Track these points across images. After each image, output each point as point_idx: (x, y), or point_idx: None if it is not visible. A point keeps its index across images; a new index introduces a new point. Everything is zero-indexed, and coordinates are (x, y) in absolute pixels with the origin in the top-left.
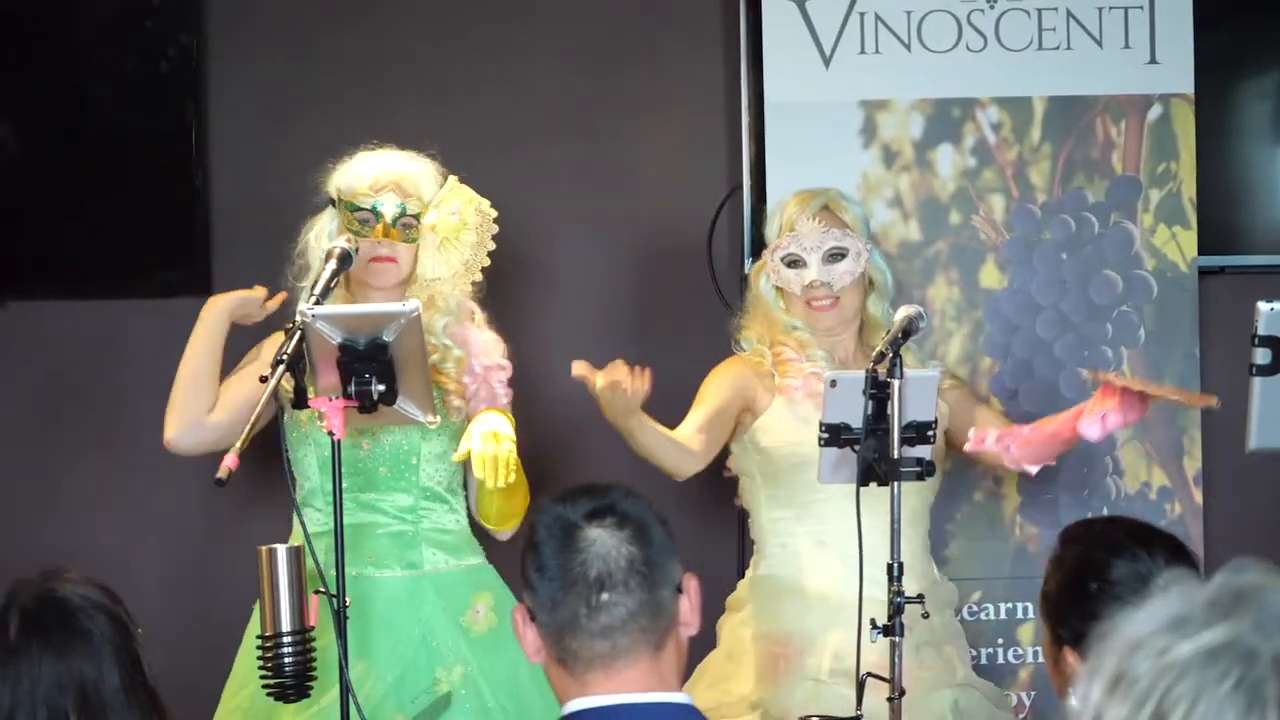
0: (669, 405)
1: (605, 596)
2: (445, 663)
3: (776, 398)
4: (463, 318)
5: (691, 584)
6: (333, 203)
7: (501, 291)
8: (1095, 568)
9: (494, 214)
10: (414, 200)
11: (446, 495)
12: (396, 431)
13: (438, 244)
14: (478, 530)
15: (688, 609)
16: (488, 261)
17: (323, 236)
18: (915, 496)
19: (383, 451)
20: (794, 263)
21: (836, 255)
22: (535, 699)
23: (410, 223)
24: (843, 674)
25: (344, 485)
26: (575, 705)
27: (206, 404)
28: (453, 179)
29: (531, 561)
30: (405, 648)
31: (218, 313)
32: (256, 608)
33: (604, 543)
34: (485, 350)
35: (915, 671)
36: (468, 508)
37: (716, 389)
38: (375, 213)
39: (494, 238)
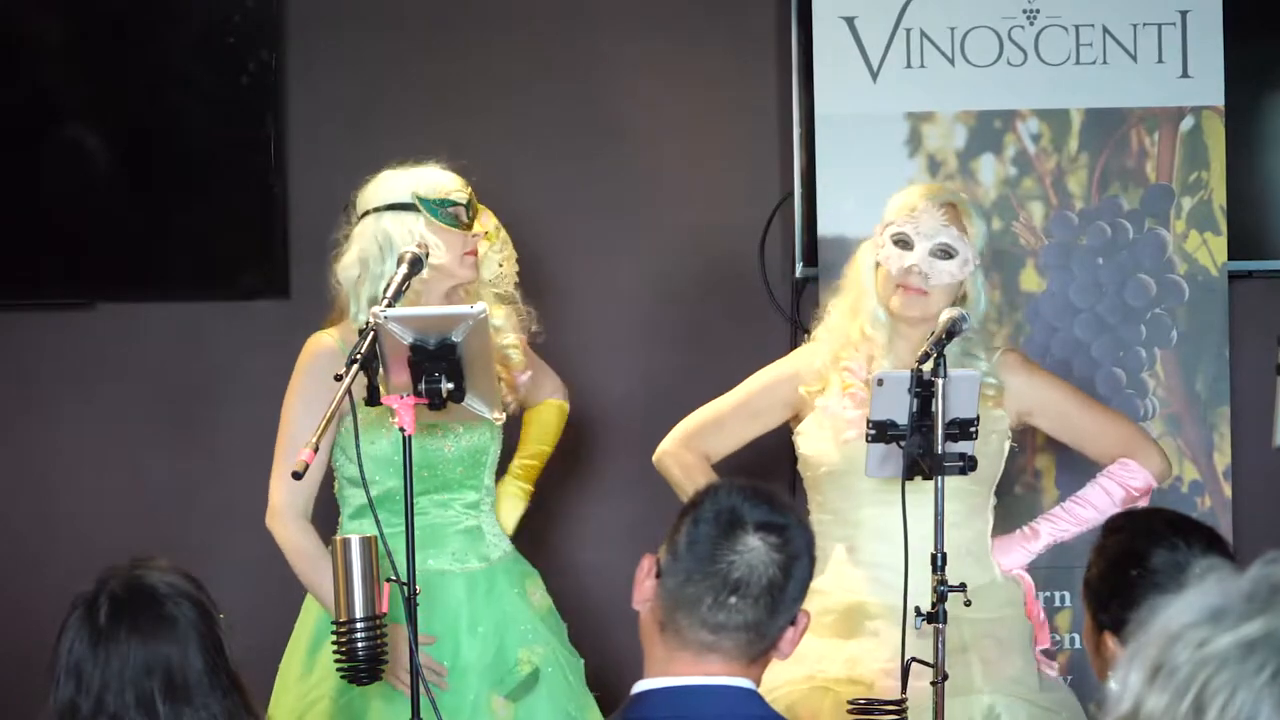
0: None
1: (733, 600)
2: (527, 642)
3: (816, 407)
4: (516, 304)
5: (803, 619)
6: (406, 206)
7: (557, 297)
8: (1136, 556)
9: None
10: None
11: (493, 488)
12: (474, 433)
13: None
14: None
15: (790, 639)
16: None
17: (401, 237)
18: (960, 501)
19: (463, 453)
20: (902, 242)
21: (945, 253)
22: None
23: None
24: (804, 680)
25: (422, 486)
26: (644, 685)
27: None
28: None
29: (687, 531)
30: (491, 634)
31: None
32: (306, 602)
33: (758, 556)
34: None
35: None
36: None
37: (747, 392)
38: (467, 207)
39: (552, 244)
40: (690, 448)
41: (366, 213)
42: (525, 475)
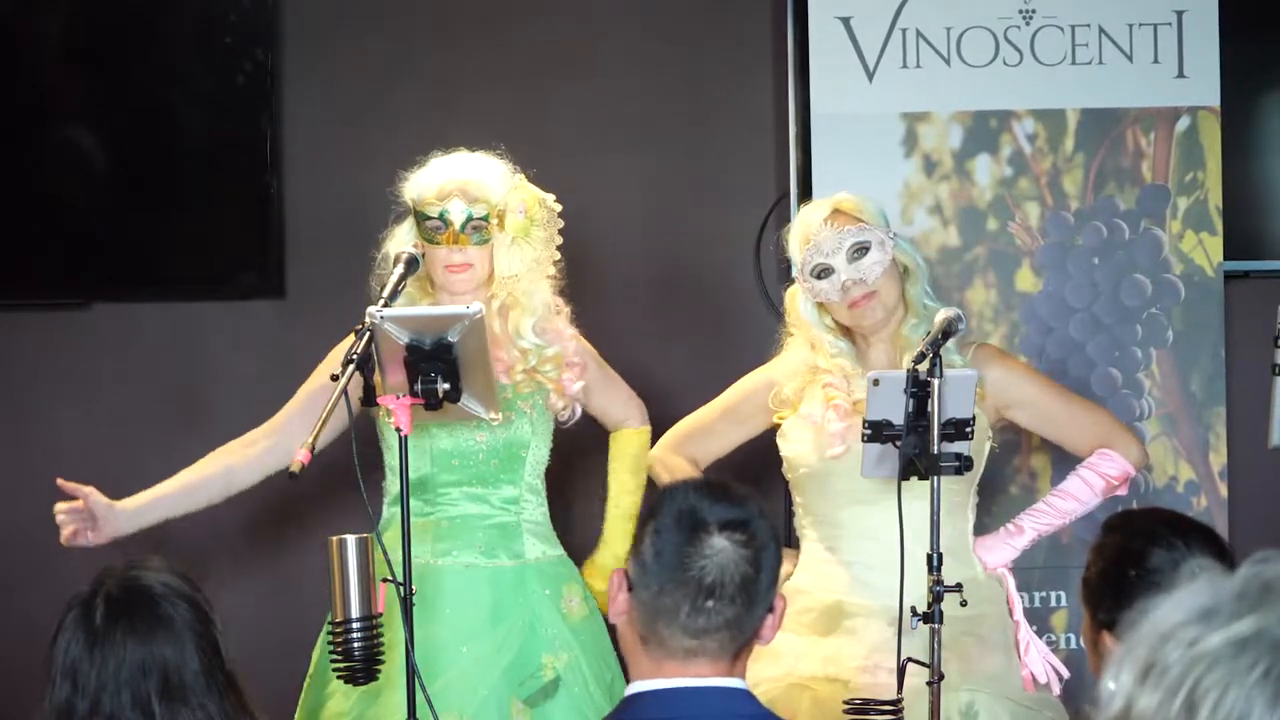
0: None
1: (710, 604)
2: (552, 649)
3: (799, 410)
4: (551, 314)
5: (780, 604)
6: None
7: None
8: (1134, 556)
9: (558, 208)
10: (481, 204)
11: (540, 488)
12: (512, 425)
13: (509, 242)
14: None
15: (770, 625)
16: (558, 255)
17: (400, 245)
18: (945, 495)
19: (498, 445)
20: (823, 273)
21: (860, 250)
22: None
23: (480, 225)
24: (781, 678)
25: (455, 477)
26: (637, 687)
27: (207, 493)
28: (518, 178)
29: (651, 541)
30: (515, 634)
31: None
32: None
33: (727, 555)
34: (567, 349)
35: (911, 679)
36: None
37: (732, 398)
38: (444, 220)
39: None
40: (680, 452)
41: None
42: (614, 540)
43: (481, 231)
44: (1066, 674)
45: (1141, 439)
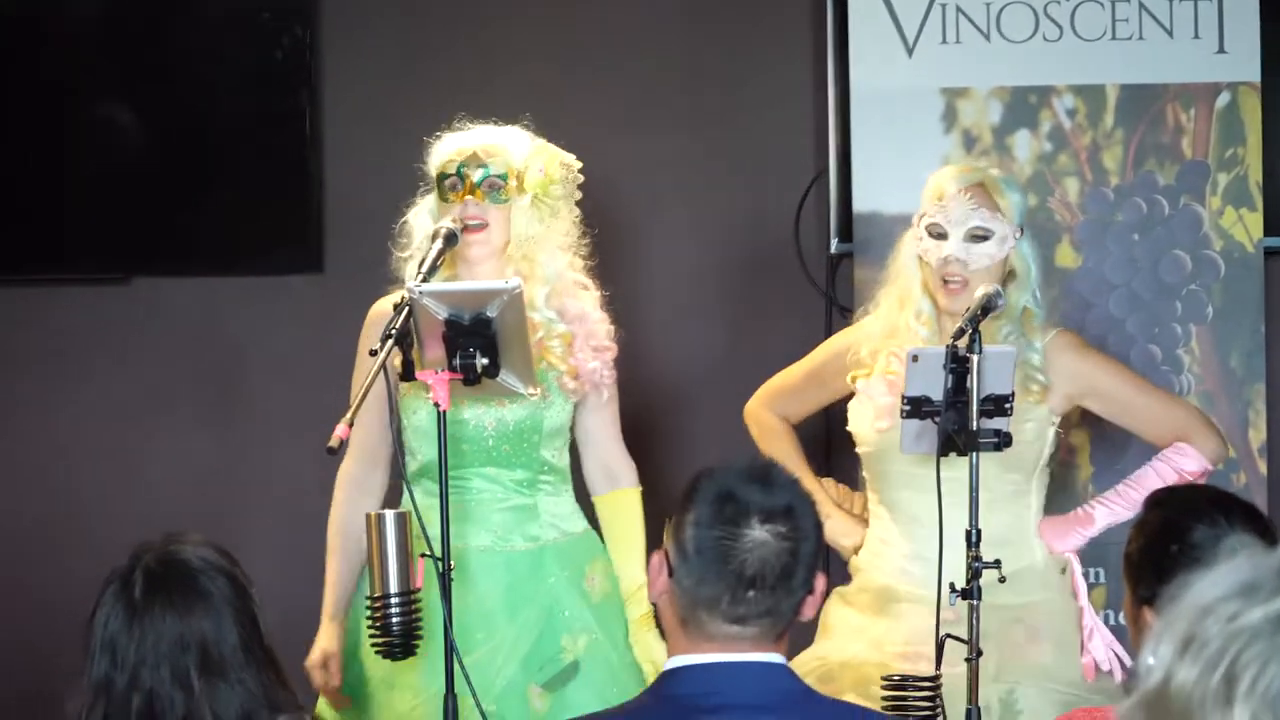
0: (755, 382)
1: (751, 594)
2: (571, 631)
3: (858, 389)
4: (565, 289)
5: (820, 583)
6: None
7: (593, 274)
8: (1177, 531)
9: (578, 165)
10: (498, 161)
11: (560, 467)
12: (520, 409)
13: (529, 203)
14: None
15: (811, 604)
16: (577, 225)
17: (422, 215)
18: (990, 489)
19: (507, 430)
20: (938, 234)
21: (979, 236)
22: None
23: (496, 183)
24: (831, 656)
25: (466, 460)
26: (676, 661)
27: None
28: (539, 141)
29: (690, 533)
30: (533, 619)
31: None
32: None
33: (768, 547)
34: (593, 331)
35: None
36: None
37: (816, 360)
38: (460, 176)
39: (586, 221)
40: (771, 409)
41: None
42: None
43: (498, 190)
44: (1130, 661)
45: (1221, 431)
